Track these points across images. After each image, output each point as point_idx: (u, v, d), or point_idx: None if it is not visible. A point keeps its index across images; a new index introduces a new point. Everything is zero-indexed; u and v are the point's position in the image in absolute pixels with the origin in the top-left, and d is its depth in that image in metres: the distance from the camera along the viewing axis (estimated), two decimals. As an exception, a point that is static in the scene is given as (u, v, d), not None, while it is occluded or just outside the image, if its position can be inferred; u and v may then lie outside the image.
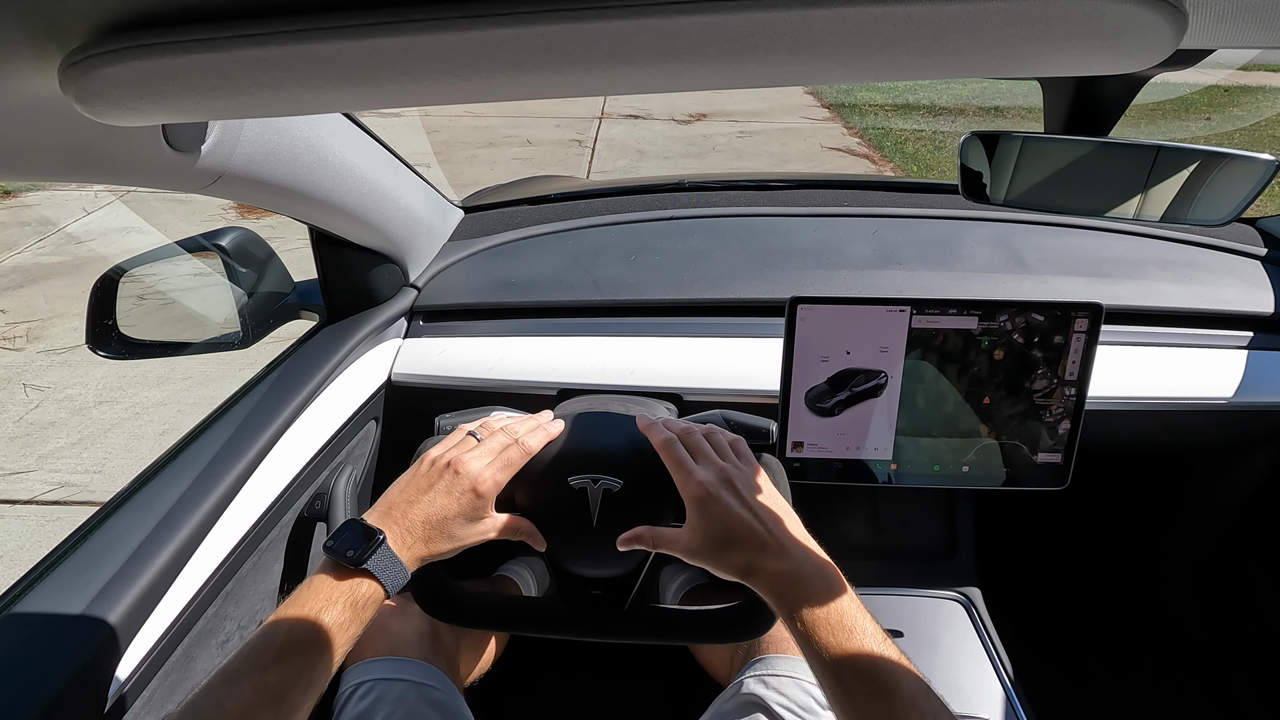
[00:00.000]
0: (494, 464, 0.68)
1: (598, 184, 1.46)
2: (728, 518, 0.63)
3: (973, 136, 0.70)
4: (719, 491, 0.64)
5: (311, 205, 0.84)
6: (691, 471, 0.65)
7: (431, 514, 0.64)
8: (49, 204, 4.82)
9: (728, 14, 0.27)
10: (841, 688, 0.56)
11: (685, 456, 0.67)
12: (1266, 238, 1.22)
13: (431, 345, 1.10)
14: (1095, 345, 0.89)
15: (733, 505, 0.63)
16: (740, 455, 0.69)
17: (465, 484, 0.66)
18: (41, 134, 0.46)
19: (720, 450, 0.68)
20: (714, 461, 0.66)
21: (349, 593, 0.59)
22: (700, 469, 0.66)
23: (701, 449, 0.68)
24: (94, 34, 0.30)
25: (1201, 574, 1.43)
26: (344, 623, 0.58)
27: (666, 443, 0.68)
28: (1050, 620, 1.47)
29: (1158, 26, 0.27)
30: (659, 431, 0.70)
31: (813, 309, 0.89)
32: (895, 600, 1.19)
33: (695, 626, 0.80)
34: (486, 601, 0.81)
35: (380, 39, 0.28)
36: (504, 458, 0.68)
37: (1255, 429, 1.07)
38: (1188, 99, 7.23)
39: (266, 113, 0.43)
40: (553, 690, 1.37)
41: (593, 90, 0.35)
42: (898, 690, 0.55)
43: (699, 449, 0.68)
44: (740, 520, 0.63)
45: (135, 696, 0.68)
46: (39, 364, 3.08)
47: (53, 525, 2.25)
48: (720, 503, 0.63)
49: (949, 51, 0.29)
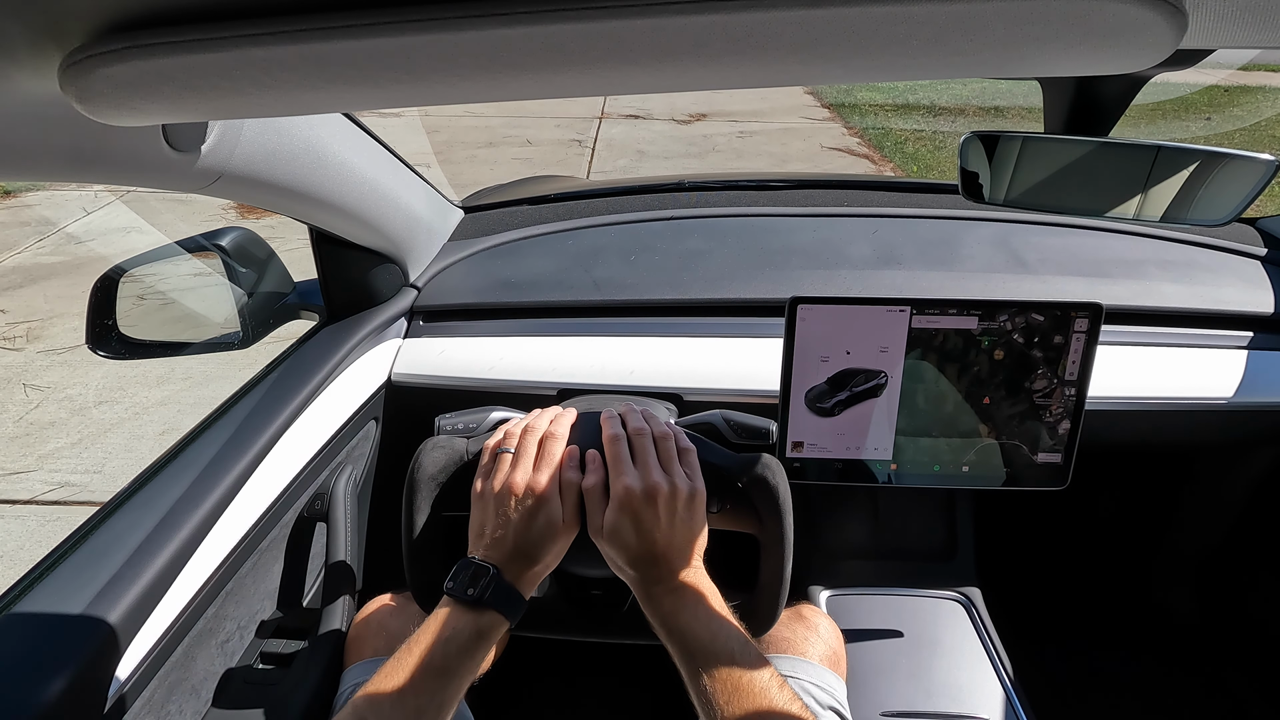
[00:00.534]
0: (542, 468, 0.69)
1: (598, 184, 1.46)
2: (638, 525, 0.65)
3: (973, 137, 0.70)
4: (638, 500, 0.66)
5: (311, 205, 0.84)
6: (622, 474, 0.67)
7: (524, 541, 0.66)
8: (49, 204, 4.82)
9: (728, 14, 0.27)
10: (700, 694, 0.60)
11: (625, 457, 0.68)
12: (1266, 238, 1.22)
13: (431, 345, 1.10)
14: (1095, 345, 0.89)
15: (646, 516, 0.65)
16: (688, 468, 0.70)
17: (531, 503, 0.67)
18: (41, 134, 0.46)
19: (664, 460, 0.69)
20: (650, 470, 0.67)
21: (473, 624, 0.62)
22: (631, 473, 0.67)
23: (644, 454, 0.69)
24: (94, 34, 0.30)
25: (1201, 574, 1.43)
26: (469, 649, 0.62)
27: (613, 439, 0.70)
28: (1050, 620, 1.47)
29: (1158, 26, 0.27)
30: (611, 426, 0.71)
31: (813, 309, 0.89)
32: (895, 600, 1.19)
33: None
34: None
35: (380, 39, 0.28)
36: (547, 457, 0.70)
37: (1255, 429, 1.07)
38: (1188, 99, 7.23)
39: (266, 113, 0.43)
40: (553, 690, 1.37)
41: (593, 90, 0.35)
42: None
43: (642, 453, 0.69)
44: (646, 533, 0.65)
45: (135, 696, 0.68)
46: (39, 364, 3.08)
47: (53, 525, 2.25)
48: (636, 511, 0.66)
49: (949, 51, 0.29)
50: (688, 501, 0.67)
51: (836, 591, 1.22)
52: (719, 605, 0.65)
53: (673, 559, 0.66)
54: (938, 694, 1.03)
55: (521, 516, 0.66)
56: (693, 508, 0.68)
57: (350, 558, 0.92)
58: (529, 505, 0.67)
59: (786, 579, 0.75)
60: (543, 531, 0.66)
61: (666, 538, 0.66)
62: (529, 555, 0.66)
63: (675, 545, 0.66)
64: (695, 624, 0.63)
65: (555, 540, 0.67)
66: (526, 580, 0.66)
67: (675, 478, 0.68)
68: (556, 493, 0.68)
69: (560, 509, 0.67)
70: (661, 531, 0.66)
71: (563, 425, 0.72)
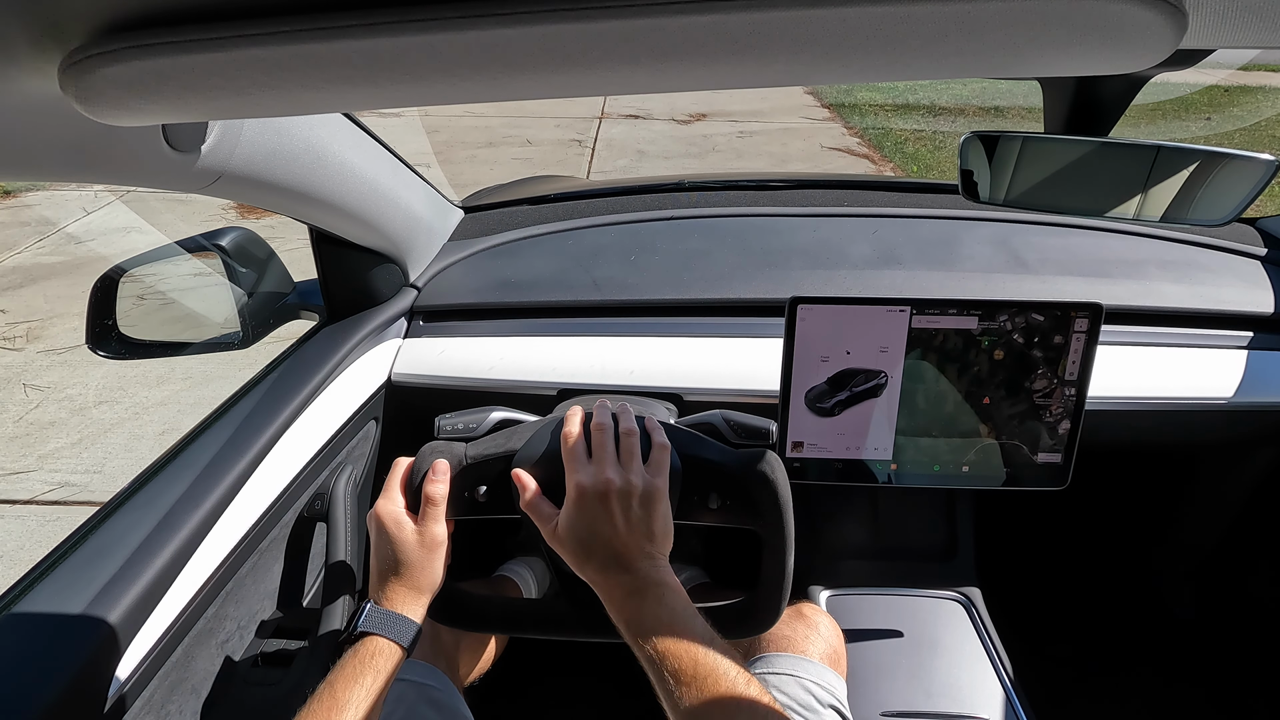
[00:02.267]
0: (390, 491, 0.74)
1: (598, 184, 1.46)
2: (593, 524, 0.66)
3: (973, 137, 0.70)
4: (590, 497, 0.66)
5: (311, 205, 0.84)
6: (575, 471, 0.67)
7: (382, 563, 0.71)
8: (49, 204, 4.82)
9: (728, 14, 0.27)
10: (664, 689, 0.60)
11: (580, 455, 0.69)
12: (1266, 238, 1.22)
13: (431, 345, 1.10)
14: (1095, 345, 0.89)
15: (599, 514, 0.65)
16: (652, 465, 0.70)
17: (386, 523, 0.71)
18: (41, 134, 0.46)
19: (625, 457, 0.69)
20: (604, 466, 0.67)
21: (353, 655, 0.66)
22: (585, 470, 0.67)
23: (601, 451, 0.69)
24: (94, 34, 0.30)
25: (1201, 574, 1.43)
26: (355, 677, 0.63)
27: (567, 436, 0.70)
28: (1050, 620, 1.47)
29: (1158, 26, 0.27)
30: (570, 424, 0.71)
31: (813, 309, 0.89)
32: (895, 600, 1.19)
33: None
34: (489, 606, 0.81)
35: (380, 39, 0.28)
36: (392, 479, 0.74)
37: (1255, 429, 1.07)
38: (1188, 99, 7.23)
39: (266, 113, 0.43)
40: (553, 690, 1.37)
41: (593, 90, 0.35)
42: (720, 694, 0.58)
43: (600, 449, 0.69)
44: (601, 531, 0.65)
45: (135, 696, 0.68)
46: (39, 364, 3.08)
47: (53, 525, 2.25)
48: (589, 509, 0.66)
49: (949, 51, 0.29)
50: (643, 498, 0.66)
51: (836, 591, 1.22)
52: (684, 605, 0.64)
53: (631, 557, 0.65)
54: (938, 694, 1.03)
55: (378, 539, 0.71)
56: (650, 505, 0.67)
57: (350, 558, 0.92)
58: (379, 525, 0.71)
59: (788, 574, 0.75)
60: (397, 549, 0.69)
61: (623, 536, 0.65)
62: (393, 574, 0.69)
63: (632, 543, 0.65)
64: (659, 625, 0.61)
65: (409, 552, 0.69)
66: (401, 600, 0.68)
67: (631, 474, 0.67)
68: (401, 509, 0.71)
69: (408, 523, 0.70)
70: (617, 529, 0.65)
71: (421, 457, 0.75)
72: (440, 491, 0.71)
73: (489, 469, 0.76)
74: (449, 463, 0.74)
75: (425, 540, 0.70)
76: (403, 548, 0.70)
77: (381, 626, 0.66)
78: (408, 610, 0.68)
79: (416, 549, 0.70)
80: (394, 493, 0.73)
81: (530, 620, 0.82)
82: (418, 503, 0.72)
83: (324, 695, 0.61)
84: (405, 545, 0.70)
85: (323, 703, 0.61)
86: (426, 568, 0.70)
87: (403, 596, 0.69)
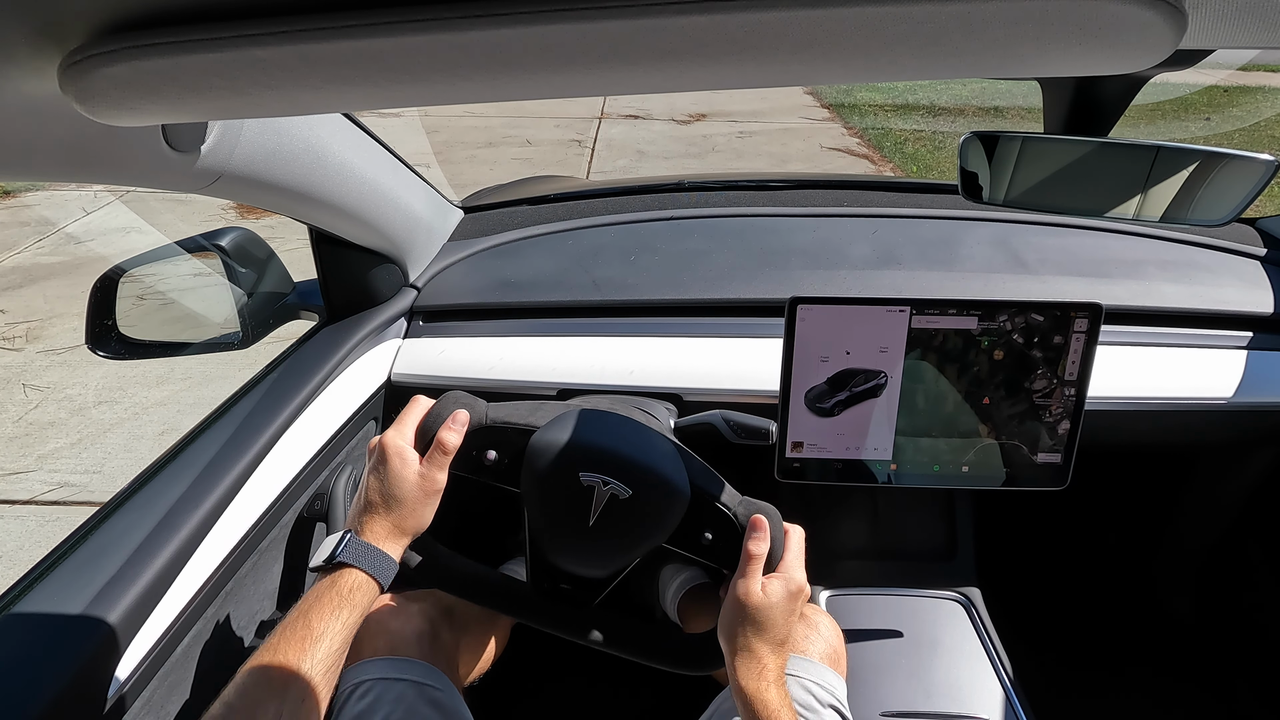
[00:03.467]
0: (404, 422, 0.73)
1: (598, 184, 1.46)
2: (784, 616, 0.72)
3: (972, 137, 0.70)
4: (798, 595, 0.73)
5: (311, 205, 0.84)
6: (794, 568, 0.74)
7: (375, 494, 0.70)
8: (49, 204, 4.82)
9: (728, 14, 0.27)
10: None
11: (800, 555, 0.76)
12: (1266, 238, 1.22)
13: (431, 345, 1.10)
14: (1095, 345, 0.89)
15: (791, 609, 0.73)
16: None
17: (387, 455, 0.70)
18: (41, 134, 0.46)
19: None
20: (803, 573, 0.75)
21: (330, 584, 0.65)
22: (800, 571, 0.74)
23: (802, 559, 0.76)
24: (94, 34, 0.30)
25: (1201, 574, 1.43)
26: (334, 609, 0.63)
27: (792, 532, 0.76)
28: (1050, 620, 1.47)
29: (1158, 26, 0.27)
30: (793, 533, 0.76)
31: (812, 309, 0.89)
32: (895, 600, 1.19)
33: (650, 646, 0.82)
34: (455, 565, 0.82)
35: (380, 39, 0.28)
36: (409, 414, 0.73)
37: (1255, 429, 1.07)
38: (1188, 99, 7.23)
39: (266, 113, 0.43)
40: (552, 690, 1.37)
41: (593, 90, 0.35)
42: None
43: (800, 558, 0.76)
44: (788, 621, 0.72)
45: (135, 696, 0.68)
46: (39, 364, 3.08)
47: (53, 525, 2.25)
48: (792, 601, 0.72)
49: (949, 51, 0.29)
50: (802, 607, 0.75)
51: (836, 591, 1.22)
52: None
53: (785, 649, 0.73)
54: (938, 694, 1.04)
55: (375, 467, 0.69)
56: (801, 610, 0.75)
57: None
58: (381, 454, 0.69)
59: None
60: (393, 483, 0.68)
61: (788, 631, 0.73)
62: (382, 507, 0.68)
63: (791, 638, 0.73)
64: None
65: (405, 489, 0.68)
66: (385, 535, 0.67)
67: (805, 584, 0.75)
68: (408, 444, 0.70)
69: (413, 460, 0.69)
70: (793, 624, 0.73)
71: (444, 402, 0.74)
72: (454, 441, 0.70)
73: (505, 436, 0.75)
74: (470, 416, 0.74)
75: (425, 482, 0.69)
76: (400, 483, 0.68)
77: (363, 560, 0.64)
78: (388, 547, 0.67)
79: (414, 488, 0.68)
80: (406, 428, 0.71)
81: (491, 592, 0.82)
82: (425, 446, 0.71)
83: (298, 624, 0.60)
84: (404, 482, 0.68)
85: (296, 631, 0.59)
86: (418, 510, 0.69)
87: (386, 532, 0.67)
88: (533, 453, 0.74)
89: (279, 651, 0.58)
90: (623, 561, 0.77)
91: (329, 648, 0.59)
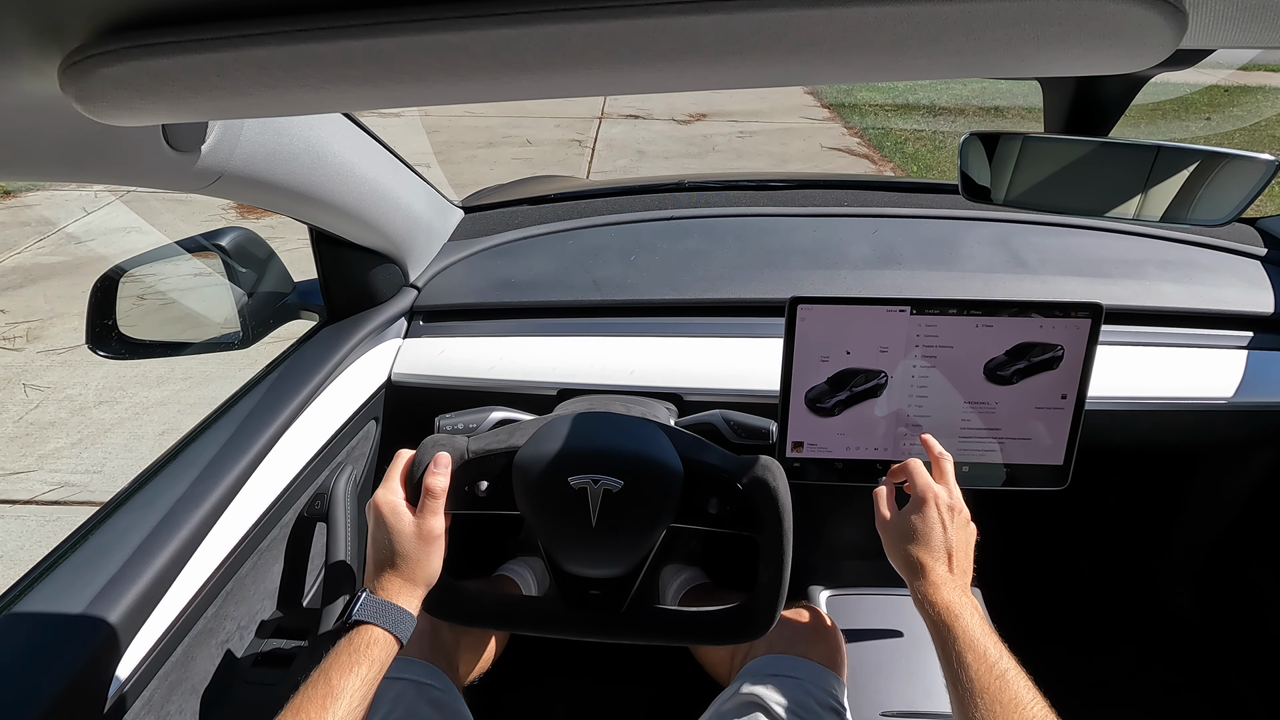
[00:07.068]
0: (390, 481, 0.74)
1: (598, 184, 1.46)
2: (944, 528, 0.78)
3: (973, 137, 0.70)
4: (944, 509, 0.78)
5: (311, 205, 0.84)
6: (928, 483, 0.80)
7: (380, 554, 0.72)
8: (49, 204, 4.82)
9: (728, 14, 0.27)
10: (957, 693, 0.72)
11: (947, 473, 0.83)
12: (1266, 238, 1.22)
13: (431, 345, 1.10)
14: (1095, 345, 0.89)
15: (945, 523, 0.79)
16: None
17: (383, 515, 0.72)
18: (41, 134, 0.46)
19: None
20: (950, 488, 0.81)
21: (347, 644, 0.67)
22: (940, 487, 0.80)
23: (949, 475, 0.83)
24: (94, 34, 0.30)
25: (1201, 574, 1.43)
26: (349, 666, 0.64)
27: (940, 456, 0.83)
28: (1050, 620, 1.47)
29: (1158, 26, 0.27)
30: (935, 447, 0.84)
31: (813, 309, 0.89)
32: (895, 600, 1.19)
33: (692, 627, 0.80)
34: (484, 600, 0.81)
35: (380, 39, 0.28)
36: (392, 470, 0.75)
37: (1255, 429, 1.07)
38: (1188, 99, 7.23)
39: (266, 113, 0.43)
40: (553, 690, 1.37)
41: (593, 90, 0.35)
42: None
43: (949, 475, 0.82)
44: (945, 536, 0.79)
45: (135, 696, 0.68)
46: (39, 364, 3.08)
47: (53, 525, 2.25)
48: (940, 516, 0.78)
49: (949, 51, 0.29)
50: (965, 519, 0.80)
51: (836, 591, 1.22)
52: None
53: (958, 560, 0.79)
54: (938, 694, 1.03)
55: (375, 528, 0.71)
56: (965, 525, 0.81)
57: (350, 558, 0.92)
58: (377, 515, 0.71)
59: (785, 581, 0.74)
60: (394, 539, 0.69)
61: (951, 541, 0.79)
62: (389, 565, 0.69)
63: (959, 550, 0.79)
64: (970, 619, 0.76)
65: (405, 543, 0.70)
66: (397, 590, 0.69)
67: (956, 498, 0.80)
68: (400, 499, 0.71)
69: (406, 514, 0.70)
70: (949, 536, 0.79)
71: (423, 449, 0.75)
72: (440, 484, 0.71)
73: (490, 464, 0.76)
74: (451, 456, 0.74)
75: (423, 532, 0.70)
76: (400, 539, 0.69)
77: (377, 616, 0.66)
78: (403, 601, 0.68)
79: (413, 541, 0.70)
80: (394, 483, 0.73)
81: (525, 617, 0.82)
82: (417, 495, 0.72)
83: (318, 683, 0.61)
84: (402, 536, 0.70)
85: (317, 690, 0.60)
86: (423, 560, 0.70)
87: (398, 587, 0.69)
88: (520, 471, 0.74)
89: (301, 711, 0.59)
90: (639, 554, 0.77)
91: (349, 705, 0.60)
